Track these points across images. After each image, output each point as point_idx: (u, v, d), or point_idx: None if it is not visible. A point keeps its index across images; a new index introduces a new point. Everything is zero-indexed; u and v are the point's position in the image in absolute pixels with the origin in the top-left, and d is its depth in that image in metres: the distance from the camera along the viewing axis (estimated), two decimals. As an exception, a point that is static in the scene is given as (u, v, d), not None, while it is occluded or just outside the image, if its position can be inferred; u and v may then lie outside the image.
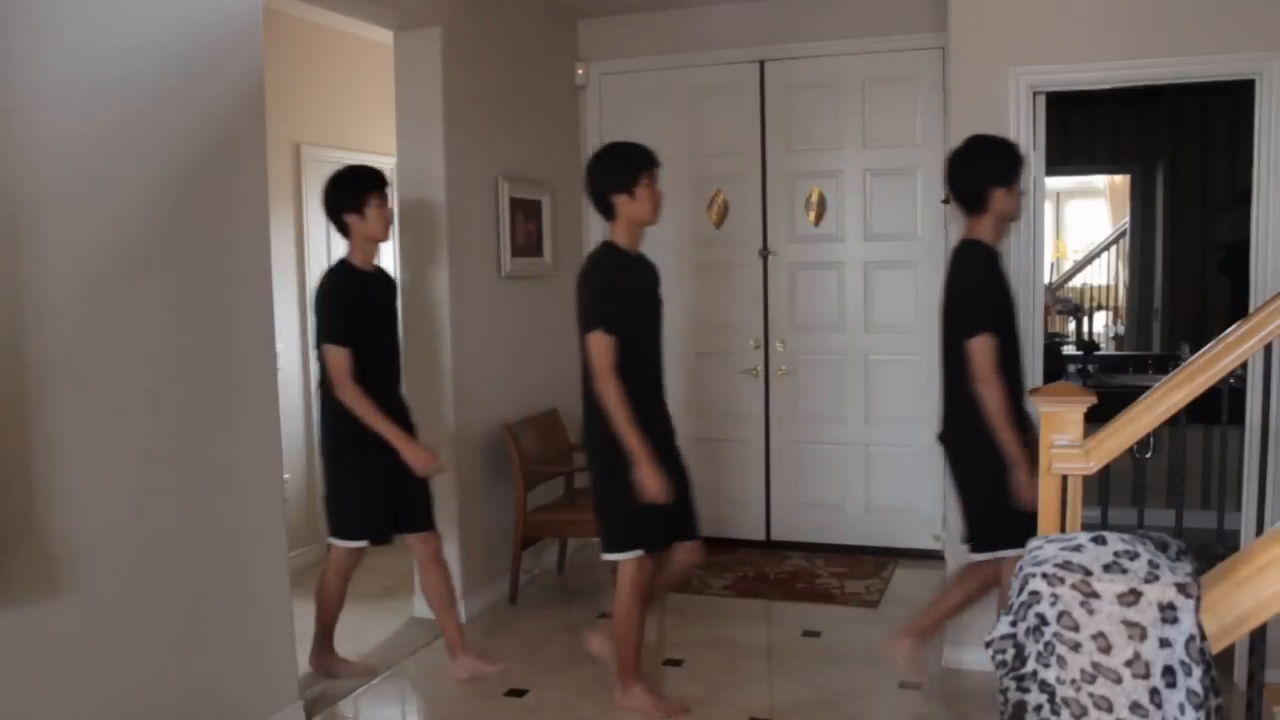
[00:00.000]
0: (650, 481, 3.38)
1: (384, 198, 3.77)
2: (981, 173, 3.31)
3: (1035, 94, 3.74)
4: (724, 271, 5.57)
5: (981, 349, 3.21)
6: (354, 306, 3.70)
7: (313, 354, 5.43)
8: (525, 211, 5.06)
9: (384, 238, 3.82)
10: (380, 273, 3.92)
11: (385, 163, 5.76)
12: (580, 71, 5.62)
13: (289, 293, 5.20)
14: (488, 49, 4.76)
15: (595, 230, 5.72)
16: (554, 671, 3.99)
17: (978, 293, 3.30)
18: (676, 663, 4.08)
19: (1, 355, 2.49)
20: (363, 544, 3.84)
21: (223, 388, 3.16)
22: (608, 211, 3.52)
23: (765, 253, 5.49)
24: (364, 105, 5.69)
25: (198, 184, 3.07)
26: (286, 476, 4.00)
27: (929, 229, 5.19)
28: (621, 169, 3.48)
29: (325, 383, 3.71)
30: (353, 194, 3.72)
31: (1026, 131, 3.72)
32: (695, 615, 4.63)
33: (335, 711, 3.68)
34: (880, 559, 5.28)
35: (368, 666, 4.01)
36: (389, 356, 3.90)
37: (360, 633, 4.38)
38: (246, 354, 3.26)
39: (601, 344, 3.42)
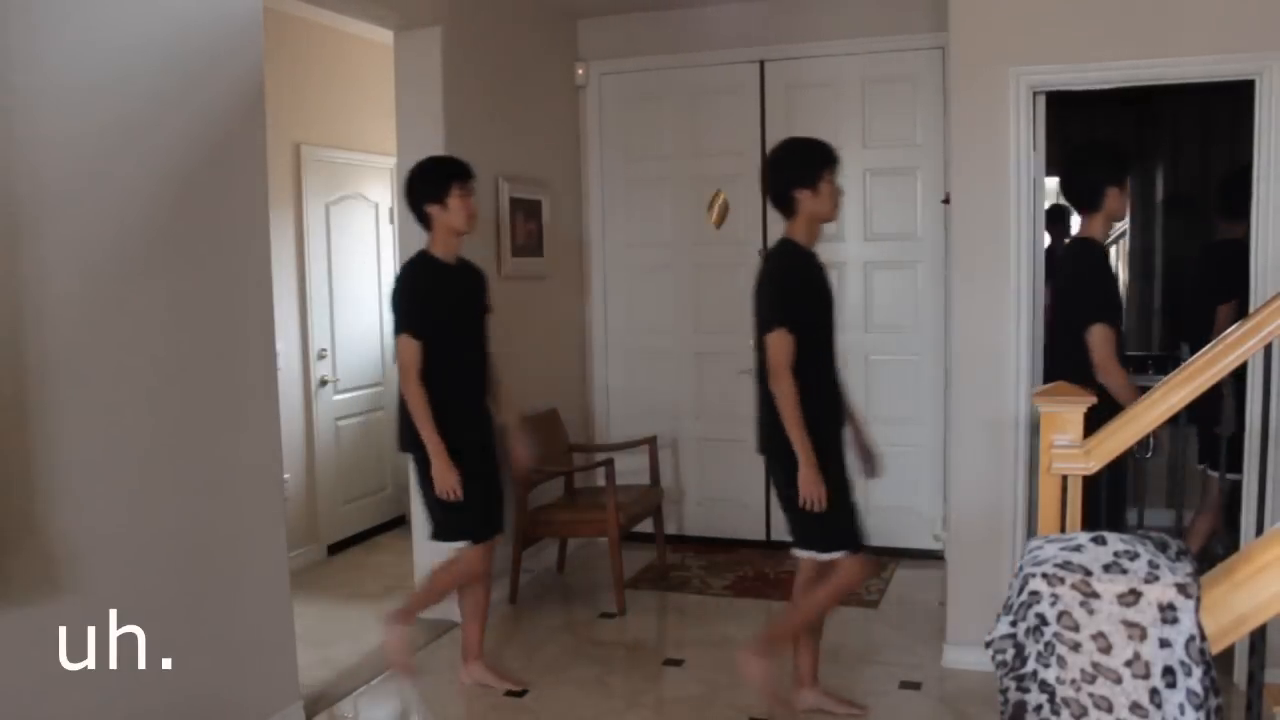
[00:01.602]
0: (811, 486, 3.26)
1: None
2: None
3: (1035, 94, 3.74)
4: (724, 271, 5.57)
5: (1101, 338, 3.30)
6: None
7: (326, 354, 5.45)
8: (525, 211, 5.06)
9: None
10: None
11: (385, 163, 5.78)
12: (580, 71, 5.62)
13: (289, 292, 5.20)
14: (488, 49, 4.75)
15: (595, 230, 5.73)
16: (554, 671, 3.99)
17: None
18: (677, 663, 4.08)
19: (1, 355, 2.49)
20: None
21: (223, 388, 3.16)
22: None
23: (765, 253, 5.48)
24: (364, 105, 5.69)
25: (198, 184, 3.07)
26: (286, 476, 4.00)
27: (929, 229, 5.19)
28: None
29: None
30: None
31: (1026, 131, 3.72)
32: (695, 615, 4.63)
33: (335, 711, 3.68)
34: (880, 559, 5.27)
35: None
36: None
37: (360, 633, 4.37)
38: (247, 354, 3.26)
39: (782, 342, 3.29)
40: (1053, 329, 3.78)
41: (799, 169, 3.38)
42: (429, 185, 3.61)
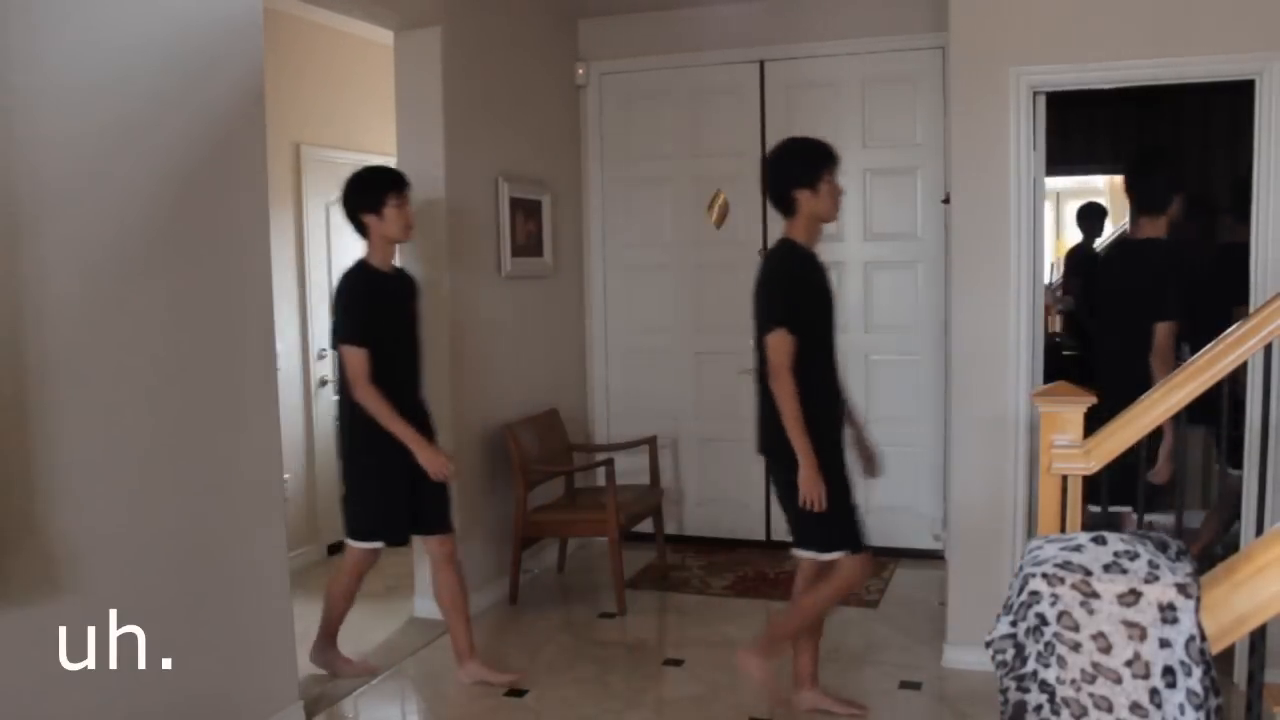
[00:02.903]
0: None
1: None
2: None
3: (1035, 94, 3.74)
4: (724, 271, 5.57)
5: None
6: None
7: (325, 354, 5.46)
8: (525, 211, 5.06)
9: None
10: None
11: (385, 163, 5.77)
12: (580, 71, 5.62)
13: (289, 292, 5.20)
14: (488, 49, 4.75)
15: (595, 230, 5.72)
16: (554, 671, 3.99)
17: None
18: (677, 662, 4.08)
19: (1, 355, 2.49)
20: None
21: (223, 388, 3.16)
22: (1162, 205, 3.66)
23: (765, 253, 5.48)
24: (364, 105, 5.69)
25: (198, 184, 3.07)
26: (286, 476, 4.00)
27: (929, 229, 5.19)
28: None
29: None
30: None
31: (1026, 131, 3.72)
32: (695, 615, 4.63)
33: (335, 711, 3.68)
34: (880, 559, 5.25)
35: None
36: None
37: (360, 633, 4.37)
38: (246, 354, 3.26)
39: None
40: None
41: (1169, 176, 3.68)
42: (803, 169, 3.38)
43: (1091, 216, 6.44)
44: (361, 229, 3.73)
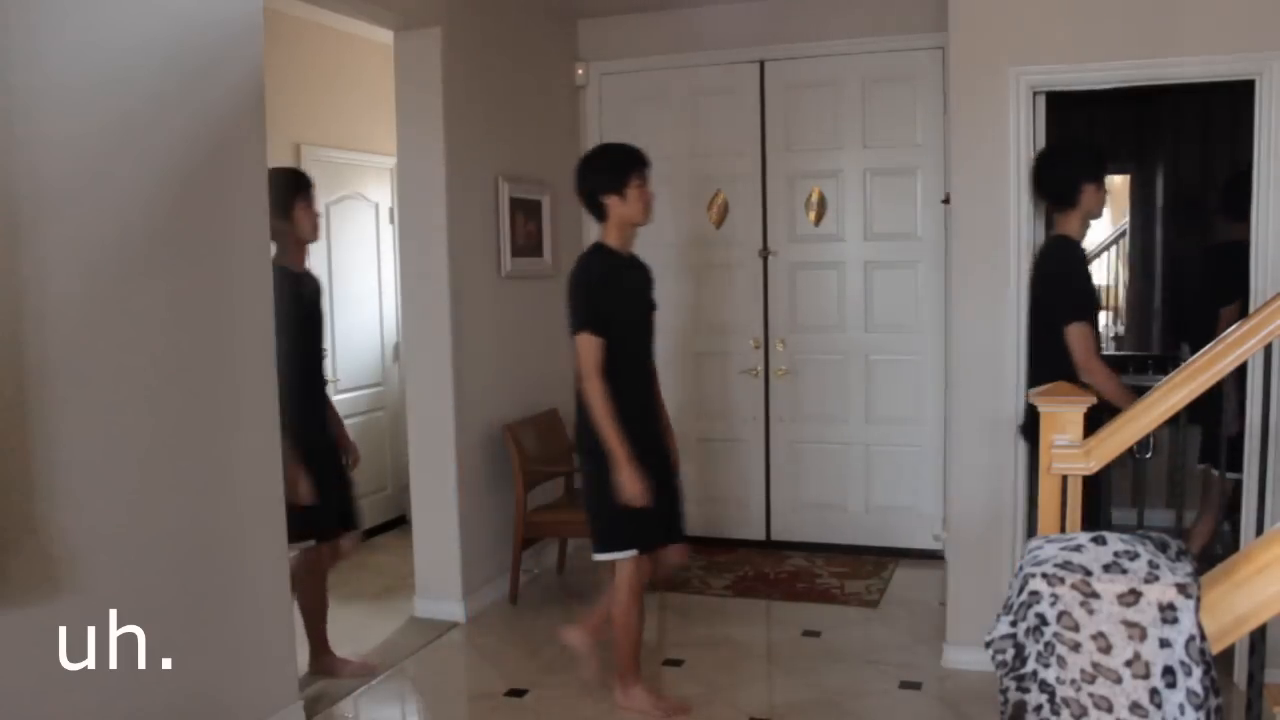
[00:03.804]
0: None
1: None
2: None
3: (1035, 94, 3.74)
4: (724, 271, 5.58)
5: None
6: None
7: (325, 354, 5.47)
8: (525, 211, 5.06)
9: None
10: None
11: (385, 163, 5.78)
12: (580, 71, 5.62)
13: (289, 293, 5.19)
14: (488, 49, 4.75)
15: (595, 230, 5.70)
16: (554, 671, 3.99)
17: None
18: (676, 663, 4.08)
19: (1, 355, 2.49)
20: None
21: (222, 388, 3.16)
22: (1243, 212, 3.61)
23: (765, 253, 5.49)
24: (364, 105, 5.69)
25: (198, 184, 3.07)
26: (286, 476, 4.00)
27: (929, 229, 5.19)
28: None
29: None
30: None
31: (1026, 131, 3.72)
32: (695, 615, 4.63)
33: (335, 711, 3.68)
34: (880, 559, 5.28)
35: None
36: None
37: (360, 632, 4.38)
38: (246, 354, 3.26)
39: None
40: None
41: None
42: (1091, 163, 3.48)
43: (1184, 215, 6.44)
44: (598, 211, 3.57)
